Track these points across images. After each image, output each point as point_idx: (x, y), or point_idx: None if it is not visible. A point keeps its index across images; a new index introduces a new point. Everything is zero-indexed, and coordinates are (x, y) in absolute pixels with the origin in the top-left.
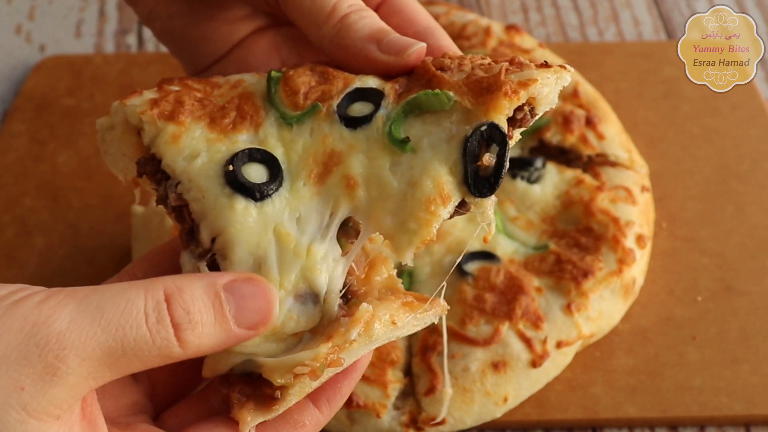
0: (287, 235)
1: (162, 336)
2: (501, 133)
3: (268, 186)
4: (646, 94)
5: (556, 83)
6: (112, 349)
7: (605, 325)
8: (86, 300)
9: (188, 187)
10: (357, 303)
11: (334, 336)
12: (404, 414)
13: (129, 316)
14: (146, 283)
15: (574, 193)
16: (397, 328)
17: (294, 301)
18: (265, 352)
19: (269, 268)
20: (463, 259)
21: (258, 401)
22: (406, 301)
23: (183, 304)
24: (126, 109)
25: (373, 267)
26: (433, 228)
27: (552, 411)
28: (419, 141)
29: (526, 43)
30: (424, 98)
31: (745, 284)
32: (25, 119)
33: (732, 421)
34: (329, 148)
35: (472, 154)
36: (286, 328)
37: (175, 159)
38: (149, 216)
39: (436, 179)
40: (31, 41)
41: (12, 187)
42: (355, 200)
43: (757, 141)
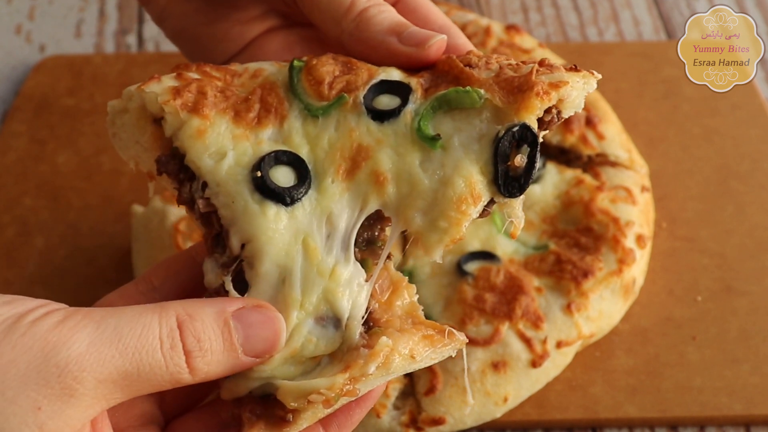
0: (315, 249)
1: (174, 362)
2: (532, 134)
3: (297, 190)
4: (646, 94)
5: (583, 87)
6: (128, 373)
7: (605, 325)
8: (104, 323)
9: (216, 191)
10: (378, 333)
11: (352, 367)
12: (404, 414)
13: (146, 342)
14: (159, 308)
15: (574, 193)
16: (415, 361)
17: (315, 324)
18: (283, 375)
19: (292, 285)
20: (463, 259)
21: (269, 422)
22: (427, 334)
23: (194, 332)
24: (145, 96)
25: (395, 291)
26: (463, 227)
27: (552, 411)
28: (449, 139)
29: (526, 43)
30: (455, 95)
31: (745, 284)
32: (25, 119)
33: (732, 421)
34: (356, 143)
35: (504, 155)
36: (305, 351)
37: (201, 156)
38: (149, 216)
39: (468, 178)
40: (31, 41)
41: (12, 187)
42: (384, 196)
43: (757, 141)
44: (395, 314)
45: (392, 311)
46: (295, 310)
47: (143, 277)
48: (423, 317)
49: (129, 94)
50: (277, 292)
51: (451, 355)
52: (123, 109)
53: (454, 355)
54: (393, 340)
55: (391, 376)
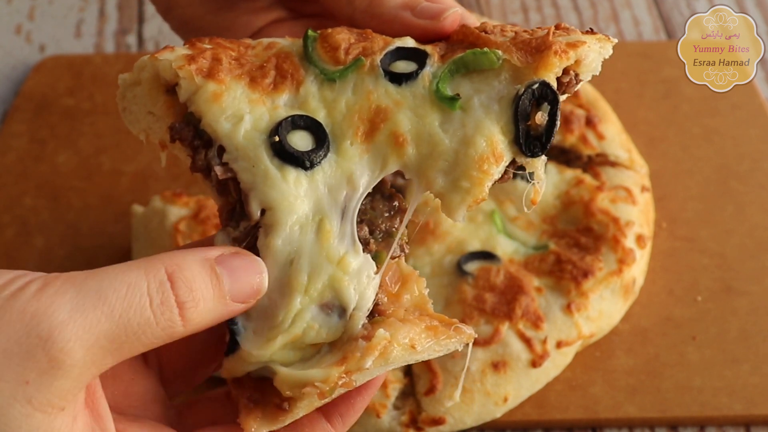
0: (328, 232)
1: (166, 317)
2: (552, 91)
3: (316, 153)
4: (646, 94)
5: (600, 51)
6: (116, 336)
7: (605, 325)
8: (85, 286)
9: (235, 155)
10: (379, 323)
11: (348, 360)
12: (404, 414)
13: (132, 300)
14: (145, 263)
15: (574, 193)
16: (416, 352)
17: (318, 311)
18: (282, 360)
19: (300, 269)
20: (463, 259)
21: (265, 410)
22: (431, 325)
23: (186, 282)
24: (158, 63)
25: (404, 285)
26: (485, 187)
27: (552, 411)
28: (469, 100)
29: None
30: (472, 57)
31: (745, 284)
32: (25, 119)
33: (732, 421)
34: (374, 105)
35: (524, 113)
36: (306, 337)
37: (218, 119)
38: (149, 216)
39: (490, 138)
40: (31, 41)
41: (12, 187)
42: (404, 157)
43: (757, 141)
44: (402, 306)
45: (400, 303)
46: (300, 294)
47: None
48: (432, 310)
49: (142, 64)
50: (284, 274)
51: (457, 348)
52: (134, 81)
53: (461, 348)
54: (393, 330)
55: (392, 367)
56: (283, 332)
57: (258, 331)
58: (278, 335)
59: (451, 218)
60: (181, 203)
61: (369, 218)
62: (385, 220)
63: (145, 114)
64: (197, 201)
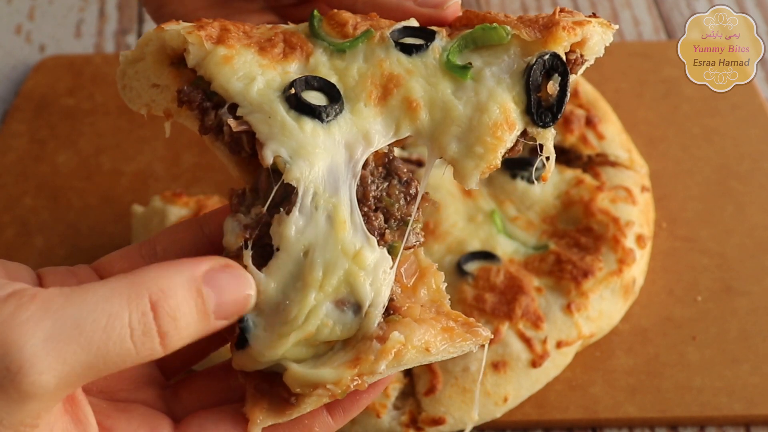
0: (343, 222)
1: (147, 347)
2: (562, 62)
3: (332, 107)
4: (646, 94)
5: (602, 34)
6: (93, 365)
7: (605, 325)
8: (63, 313)
9: (250, 109)
10: (395, 322)
11: (362, 362)
12: (404, 414)
13: (112, 333)
14: (128, 288)
15: (574, 193)
16: (430, 354)
17: (333, 308)
18: (293, 356)
19: (315, 263)
20: (463, 259)
21: (272, 402)
22: (447, 326)
23: (170, 311)
24: (165, 33)
25: (421, 278)
26: (498, 153)
27: (552, 411)
28: (480, 71)
29: None
30: (481, 32)
31: (745, 284)
32: (25, 119)
33: (732, 421)
34: (387, 72)
35: (536, 83)
36: (320, 335)
37: (230, 79)
38: (149, 216)
39: (503, 105)
40: (31, 41)
41: (12, 187)
42: (417, 122)
43: (757, 141)
44: (419, 301)
45: (416, 297)
46: (314, 290)
47: (148, 242)
48: (448, 307)
49: (147, 37)
50: (298, 268)
51: (472, 350)
52: (137, 58)
53: (475, 350)
54: (409, 331)
55: (404, 367)
56: (296, 329)
57: (269, 327)
58: (291, 332)
59: (464, 184)
60: (181, 203)
61: (385, 206)
62: (401, 207)
63: (147, 88)
64: (197, 201)
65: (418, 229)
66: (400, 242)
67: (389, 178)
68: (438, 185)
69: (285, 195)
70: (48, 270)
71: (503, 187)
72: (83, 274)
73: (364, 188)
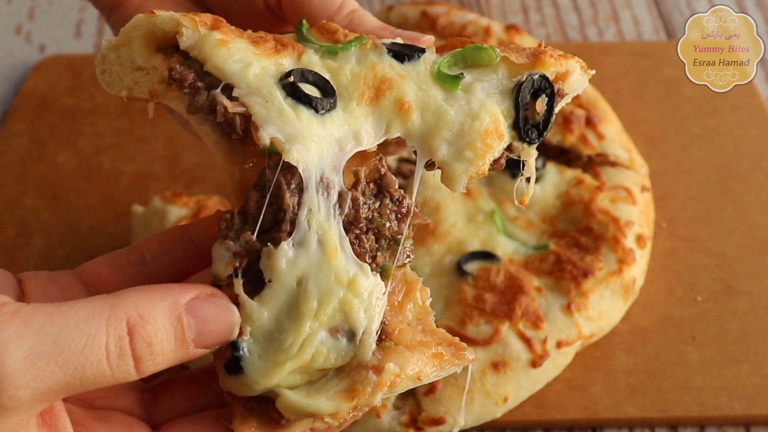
0: (334, 249)
1: (122, 370)
2: (550, 84)
3: (327, 100)
4: (646, 94)
5: (581, 74)
6: (69, 384)
7: (605, 325)
8: (43, 333)
9: (247, 91)
10: (389, 350)
11: (358, 394)
12: (404, 414)
13: (90, 354)
14: (109, 309)
15: (574, 193)
16: (420, 381)
17: (328, 336)
18: (287, 383)
19: (310, 293)
20: (463, 259)
21: (261, 421)
22: (436, 352)
23: (146, 337)
24: (157, 18)
25: (408, 294)
26: (487, 160)
27: (552, 411)
28: (470, 84)
29: (526, 43)
30: (471, 52)
31: (745, 284)
32: (25, 119)
33: (732, 421)
34: (380, 74)
35: (524, 99)
36: (315, 363)
37: (226, 60)
38: (149, 216)
39: (494, 115)
40: (31, 41)
41: (12, 187)
42: (408, 124)
43: (757, 141)
44: (406, 319)
45: (403, 315)
46: (309, 319)
47: (136, 247)
48: (434, 324)
49: (136, 22)
50: (292, 298)
51: (456, 371)
52: (122, 42)
53: (459, 371)
54: (403, 361)
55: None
56: (291, 358)
57: (264, 355)
58: (287, 361)
59: (451, 188)
60: (181, 203)
61: (376, 226)
62: (392, 227)
63: (131, 71)
64: (197, 201)
65: (408, 246)
66: (392, 264)
67: (380, 196)
68: (438, 185)
69: (274, 221)
70: (29, 275)
71: (503, 187)
72: (64, 281)
73: (355, 211)
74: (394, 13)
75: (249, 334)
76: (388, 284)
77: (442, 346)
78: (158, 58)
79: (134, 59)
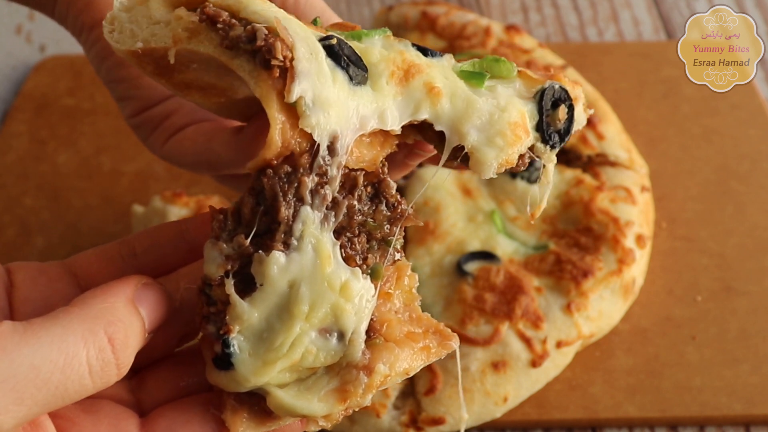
0: (328, 257)
1: (104, 381)
2: (569, 97)
3: (361, 73)
4: (646, 94)
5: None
6: (50, 402)
7: (605, 325)
8: (18, 354)
9: (293, 39)
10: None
11: (350, 396)
12: (404, 414)
13: (71, 373)
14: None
15: (573, 193)
16: (408, 375)
17: (317, 335)
18: (276, 381)
19: (301, 297)
20: (463, 259)
21: (252, 412)
22: (424, 345)
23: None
24: None
25: (398, 280)
26: (516, 150)
27: (552, 411)
28: (493, 87)
29: (525, 43)
30: (491, 62)
31: (745, 284)
32: (25, 119)
33: (732, 421)
34: (408, 59)
35: (547, 104)
36: (305, 362)
37: (267, 9)
38: (149, 216)
39: (521, 111)
40: (31, 41)
41: (12, 187)
42: (437, 107)
43: (757, 141)
44: (393, 307)
45: (391, 303)
46: (300, 321)
47: (127, 240)
48: (420, 310)
49: None
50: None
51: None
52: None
53: (442, 357)
54: (393, 359)
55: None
56: (281, 357)
57: (254, 353)
58: (277, 360)
59: (481, 174)
60: (181, 203)
61: (368, 229)
62: (384, 231)
63: (147, 26)
64: (197, 201)
65: (399, 245)
66: (383, 264)
67: (376, 201)
68: (438, 185)
69: (268, 229)
70: (18, 265)
71: (503, 187)
72: (53, 273)
73: (350, 218)
74: (394, 13)
75: (239, 332)
76: (378, 285)
77: (429, 336)
78: (182, 10)
79: (152, 15)
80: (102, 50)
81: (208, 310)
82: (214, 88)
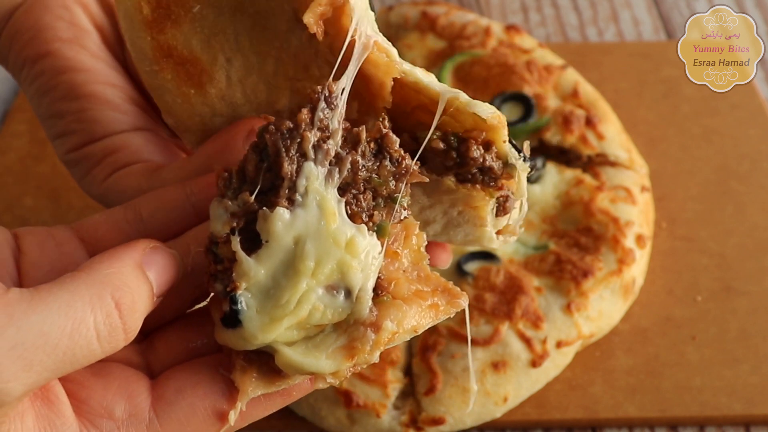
0: (332, 213)
1: (112, 345)
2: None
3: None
4: (646, 94)
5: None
6: (59, 368)
7: (605, 325)
8: (26, 321)
9: None
10: (385, 305)
11: (358, 353)
12: (404, 414)
13: (78, 338)
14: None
15: (573, 193)
16: (417, 333)
17: (324, 292)
18: (284, 339)
19: (307, 254)
20: (463, 259)
21: (261, 372)
22: (433, 303)
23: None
24: None
25: (406, 239)
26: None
27: (552, 411)
28: None
29: (525, 43)
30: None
31: (745, 284)
32: (26, 119)
33: (732, 421)
34: None
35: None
36: (312, 319)
37: None
38: None
39: None
40: None
41: (12, 187)
42: None
43: (757, 141)
44: (402, 266)
45: (399, 262)
46: (306, 278)
47: (132, 204)
48: (428, 269)
49: None
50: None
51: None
52: None
53: (452, 315)
54: (401, 316)
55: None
56: (288, 314)
57: (261, 310)
58: (284, 317)
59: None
60: None
61: (373, 185)
62: (389, 187)
63: None
64: None
65: (405, 203)
66: (389, 221)
67: (380, 156)
68: None
69: (272, 185)
70: (25, 230)
71: None
72: (61, 237)
73: (354, 173)
74: (394, 13)
75: (246, 289)
76: (384, 242)
77: (437, 294)
78: None
79: None
80: (44, 84)
81: (215, 268)
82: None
